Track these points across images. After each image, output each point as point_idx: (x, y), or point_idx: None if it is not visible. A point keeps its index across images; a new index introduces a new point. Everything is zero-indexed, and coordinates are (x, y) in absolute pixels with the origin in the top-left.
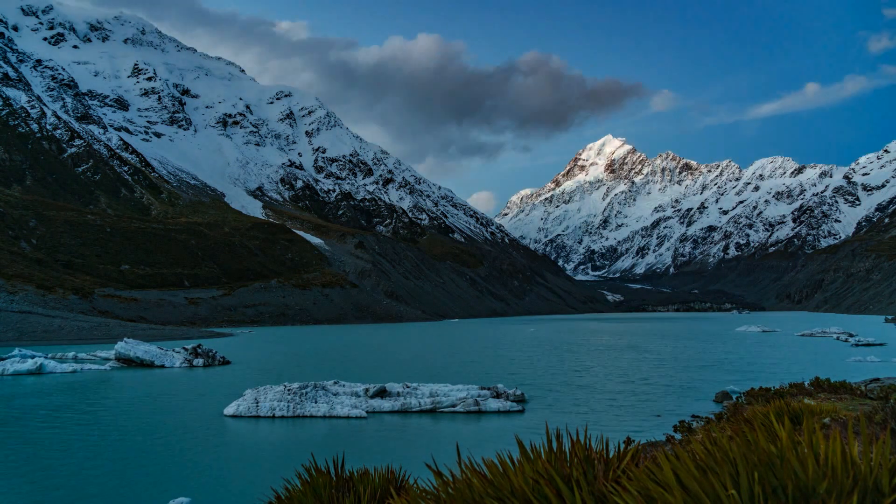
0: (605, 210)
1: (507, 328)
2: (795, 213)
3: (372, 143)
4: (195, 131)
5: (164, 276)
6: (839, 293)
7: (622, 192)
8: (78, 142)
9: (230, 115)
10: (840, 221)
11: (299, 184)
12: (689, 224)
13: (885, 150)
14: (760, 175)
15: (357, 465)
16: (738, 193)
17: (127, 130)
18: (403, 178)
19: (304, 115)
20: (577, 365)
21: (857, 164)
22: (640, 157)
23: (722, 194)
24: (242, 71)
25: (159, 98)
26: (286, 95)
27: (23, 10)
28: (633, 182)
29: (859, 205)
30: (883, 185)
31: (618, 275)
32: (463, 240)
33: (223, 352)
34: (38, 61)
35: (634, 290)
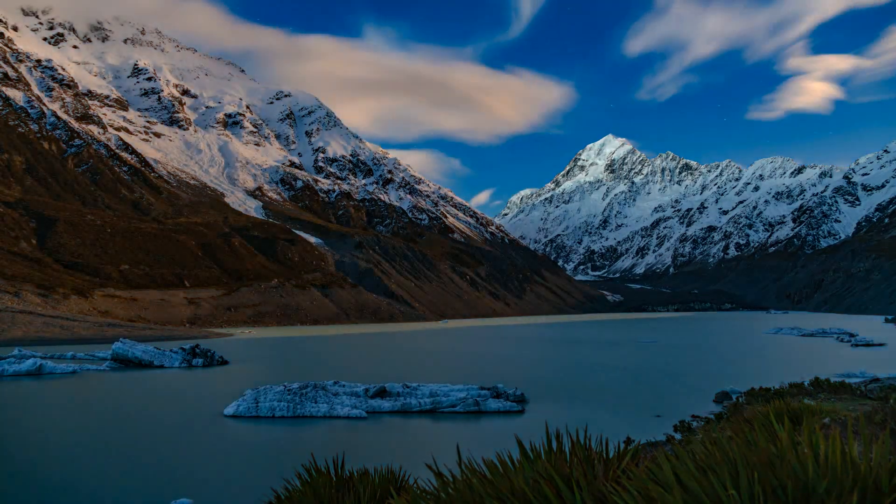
0: (604, 210)
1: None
2: (795, 213)
3: (372, 144)
4: (195, 131)
5: (163, 276)
6: (839, 293)
7: (622, 193)
8: (78, 142)
9: (230, 115)
10: (840, 221)
11: (299, 184)
12: (689, 224)
13: (885, 150)
14: (760, 175)
15: (357, 466)
16: (738, 193)
17: (127, 130)
18: (403, 178)
19: (303, 115)
20: (577, 365)
21: (857, 164)
22: (640, 157)
23: (722, 194)
24: (242, 71)
25: (159, 98)
26: (286, 95)
27: (23, 10)
28: (633, 182)
29: (859, 205)
30: (883, 185)
31: (618, 275)
32: (463, 240)
33: (222, 352)
34: (38, 61)
35: (634, 291)
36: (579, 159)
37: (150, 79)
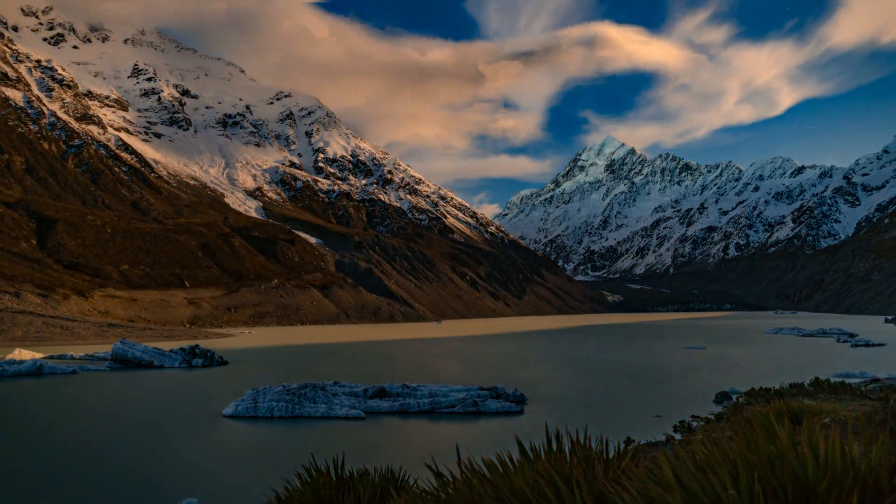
0: (604, 210)
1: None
2: (795, 213)
3: (371, 144)
4: (195, 131)
5: (163, 276)
6: (839, 293)
7: (622, 193)
8: (78, 142)
9: (230, 115)
10: (840, 222)
11: (299, 184)
12: (689, 224)
13: (885, 151)
14: (760, 175)
15: (356, 466)
16: (737, 194)
17: (127, 131)
18: (403, 178)
19: (303, 116)
20: (576, 366)
21: (857, 164)
22: (639, 157)
23: (722, 195)
24: (242, 71)
25: (159, 98)
26: (286, 96)
27: (23, 10)
28: (632, 182)
29: (859, 205)
30: (883, 186)
31: (618, 275)
32: (462, 240)
33: (222, 352)
34: (38, 61)
35: (634, 291)
36: (579, 159)
37: (149, 79)
